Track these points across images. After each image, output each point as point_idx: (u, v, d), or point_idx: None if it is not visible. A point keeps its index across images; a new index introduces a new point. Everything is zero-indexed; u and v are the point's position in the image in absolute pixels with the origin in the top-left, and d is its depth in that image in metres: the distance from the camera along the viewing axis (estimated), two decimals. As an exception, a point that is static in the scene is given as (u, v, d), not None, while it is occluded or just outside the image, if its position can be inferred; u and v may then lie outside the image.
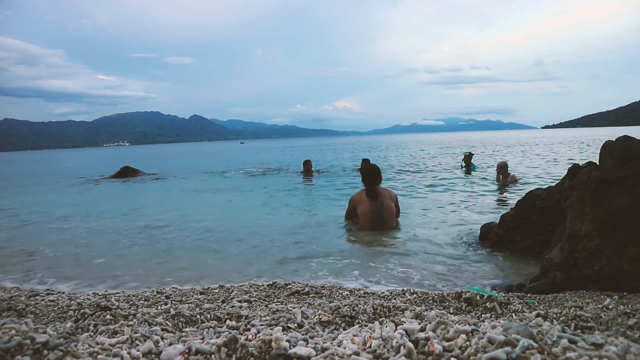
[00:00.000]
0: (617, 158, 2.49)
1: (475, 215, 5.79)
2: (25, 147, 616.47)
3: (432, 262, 3.71)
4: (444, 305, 1.72)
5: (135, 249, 4.63)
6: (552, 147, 24.62)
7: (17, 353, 0.98)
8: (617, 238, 2.33)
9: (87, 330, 1.29)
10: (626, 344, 0.93)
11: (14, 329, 1.11)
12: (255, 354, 0.99)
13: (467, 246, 4.18)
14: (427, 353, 0.96)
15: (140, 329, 1.23)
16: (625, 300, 1.99)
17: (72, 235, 5.51)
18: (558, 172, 10.75)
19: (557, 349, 0.92)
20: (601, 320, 1.44)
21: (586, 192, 2.49)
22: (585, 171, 2.66)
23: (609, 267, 2.31)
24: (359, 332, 1.19)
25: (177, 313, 1.50)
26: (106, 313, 1.52)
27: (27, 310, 1.65)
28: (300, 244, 4.30)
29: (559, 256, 2.59)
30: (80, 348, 1.04)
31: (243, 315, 1.57)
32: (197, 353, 1.00)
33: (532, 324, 1.14)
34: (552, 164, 13.99)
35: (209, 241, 4.83)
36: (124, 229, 5.77)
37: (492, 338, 0.96)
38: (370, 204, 4.94)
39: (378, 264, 3.71)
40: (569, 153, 19.14)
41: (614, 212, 2.34)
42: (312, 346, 1.02)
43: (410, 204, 6.90)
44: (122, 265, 4.01)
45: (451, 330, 1.05)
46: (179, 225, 5.95)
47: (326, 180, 11.31)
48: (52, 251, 4.65)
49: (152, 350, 1.06)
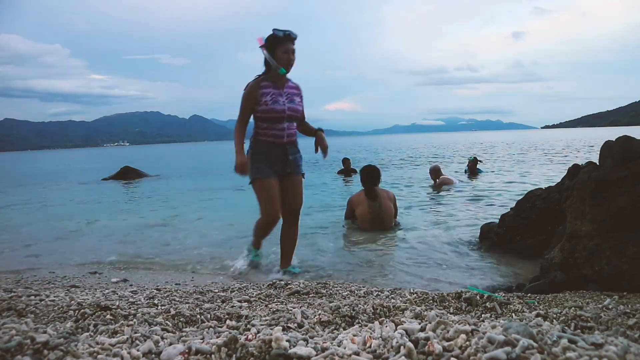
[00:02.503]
0: (617, 158, 2.49)
1: (475, 215, 5.79)
2: (25, 147, 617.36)
3: (432, 262, 3.71)
4: (444, 305, 1.73)
5: (135, 249, 4.63)
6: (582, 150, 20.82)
7: (17, 353, 0.98)
8: (617, 238, 2.33)
9: (87, 330, 1.29)
10: (626, 344, 0.93)
11: (14, 329, 1.12)
12: (255, 353, 0.99)
13: (467, 246, 4.18)
14: (427, 353, 0.96)
15: (140, 329, 1.23)
16: (625, 300, 2.00)
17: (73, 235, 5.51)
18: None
19: (557, 349, 0.92)
20: (601, 320, 1.44)
21: (586, 192, 2.49)
22: (585, 171, 2.66)
23: (609, 267, 2.31)
24: (359, 332, 1.19)
25: (177, 313, 1.50)
26: (106, 313, 1.52)
27: (27, 310, 1.65)
28: (300, 244, 4.30)
29: (559, 256, 2.59)
30: (80, 348, 1.04)
31: (243, 315, 1.57)
32: (197, 353, 1.00)
33: (532, 324, 1.14)
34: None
35: (209, 240, 4.84)
36: (123, 228, 5.77)
37: (492, 338, 0.96)
38: (369, 204, 4.93)
39: (378, 264, 3.71)
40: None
41: (614, 212, 2.35)
42: (312, 346, 1.02)
43: (410, 204, 6.90)
44: (122, 264, 4.01)
45: (451, 330, 1.05)
46: (179, 225, 5.95)
47: (324, 181, 11.32)
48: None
49: (152, 350, 1.06)
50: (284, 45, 3.06)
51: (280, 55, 3.08)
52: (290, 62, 3.12)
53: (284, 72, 3.13)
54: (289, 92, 3.25)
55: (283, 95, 3.20)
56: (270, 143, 3.21)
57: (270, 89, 3.17)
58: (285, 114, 3.17)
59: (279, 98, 3.17)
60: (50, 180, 16.52)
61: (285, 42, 3.05)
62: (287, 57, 3.09)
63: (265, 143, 3.21)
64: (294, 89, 3.30)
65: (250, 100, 3.16)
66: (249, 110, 3.19)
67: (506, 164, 14.76)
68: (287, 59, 3.10)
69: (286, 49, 3.07)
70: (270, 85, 3.18)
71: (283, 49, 3.07)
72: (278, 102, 3.15)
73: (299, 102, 3.30)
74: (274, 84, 3.19)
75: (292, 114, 3.22)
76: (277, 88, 3.19)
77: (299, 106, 3.29)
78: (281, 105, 3.16)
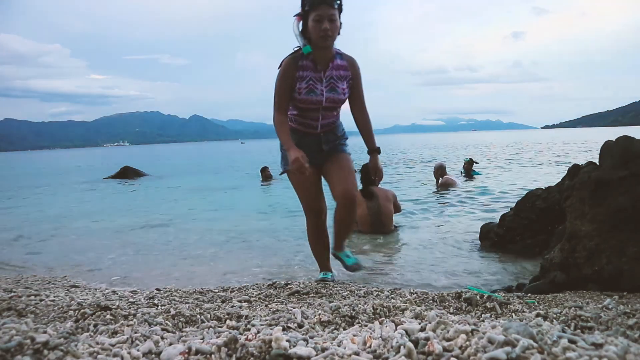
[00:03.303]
0: (617, 158, 2.49)
1: (475, 215, 5.79)
2: (25, 147, 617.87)
3: (432, 262, 3.71)
4: (444, 305, 1.73)
5: (135, 249, 4.63)
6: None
7: (18, 353, 0.98)
8: (617, 238, 2.33)
9: (87, 330, 1.30)
10: (626, 344, 0.94)
11: (14, 329, 1.12)
12: (256, 353, 0.99)
13: (466, 246, 4.18)
14: (427, 353, 0.96)
15: (140, 329, 1.23)
16: (625, 300, 2.00)
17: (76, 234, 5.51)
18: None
19: (557, 349, 0.92)
20: (601, 320, 1.44)
21: (586, 192, 2.49)
22: (585, 171, 2.66)
23: (609, 267, 2.31)
24: (359, 332, 1.19)
25: (177, 313, 1.51)
26: (106, 313, 1.52)
27: (27, 310, 1.65)
28: (300, 245, 4.30)
29: (559, 256, 2.59)
30: (80, 348, 1.04)
31: (243, 315, 1.57)
32: (197, 353, 1.00)
33: (532, 323, 1.14)
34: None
35: (209, 240, 4.83)
36: (123, 228, 5.77)
37: (492, 338, 0.96)
38: (367, 205, 4.84)
39: (377, 264, 3.71)
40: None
41: (614, 212, 2.35)
42: (312, 346, 1.02)
43: (409, 204, 6.90)
44: (122, 264, 4.01)
45: (451, 330, 1.05)
46: (178, 224, 5.95)
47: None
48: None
49: (152, 350, 1.06)
50: (317, 9, 2.30)
51: (312, 25, 2.33)
52: (323, 34, 2.32)
53: (308, 50, 2.41)
54: (333, 76, 2.51)
55: (323, 80, 2.50)
56: (301, 132, 2.62)
57: (309, 71, 2.47)
58: (321, 105, 2.54)
59: (317, 85, 2.48)
60: (50, 180, 16.53)
61: (319, 5, 2.29)
62: (318, 28, 2.31)
63: (295, 130, 2.61)
64: (342, 69, 2.54)
65: (287, 81, 2.47)
66: (288, 93, 2.50)
67: (505, 163, 14.76)
68: (319, 30, 2.31)
69: (319, 15, 2.29)
70: (310, 67, 2.47)
71: (315, 16, 2.30)
72: (314, 91, 2.48)
73: (343, 90, 2.56)
74: (314, 64, 2.48)
75: (331, 105, 2.57)
76: (317, 71, 2.48)
77: (342, 95, 2.56)
78: (318, 95, 2.49)
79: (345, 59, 2.57)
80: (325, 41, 2.36)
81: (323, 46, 2.41)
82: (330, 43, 2.42)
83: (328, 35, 2.33)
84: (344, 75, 2.55)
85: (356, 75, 2.61)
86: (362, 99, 2.68)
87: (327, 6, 2.30)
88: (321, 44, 2.38)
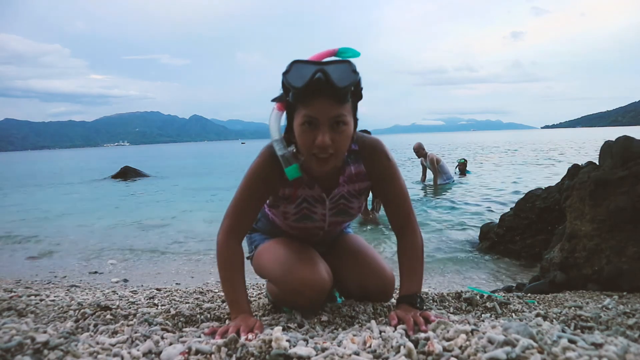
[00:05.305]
0: (617, 158, 2.49)
1: (474, 215, 5.79)
2: (25, 147, 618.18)
3: (432, 262, 3.71)
4: (444, 305, 1.72)
5: (135, 249, 4.63)
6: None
7: (18, 353, 0.98)
8: (617, 238, 2.33)
9: (87, 330, 1.30)
10: (626, 344, 0.94)
11: (14, 329, 1.12)
12: (256, 353, 0.99)
13: (467, 246, 4.18)
14: (427, 353, 0.96)
15: (140, 329, 1.23)
16: (625, 300, 2.00)
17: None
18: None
19: (556, 349, 0.92)
20: (601, 320, 1.44)
21: (586, 192, 2.49)
22: (585, 171, 2.66)
23: (609, 267, 2.31)
24: (359, 332, 1.19)
25: (177, 313, 1.51)
26: (106, 313, 1.52)
27: (27, 310, 1.65)
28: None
29: (559, 256, 2.59)
30: (80, 348, 1.04)
31: (243, 315, 1.56)
32: (197, 353, 1.00)
33: (532, 323, 1.14)
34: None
35: (209, 240, 4.83)
36: (123, 228, 5.77)
37: (492, 338, 0.97)
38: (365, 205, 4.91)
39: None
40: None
41: (614, 212, 2.34)
42: (312, 346, 1.02)
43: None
44: (122, 264, 4.01)
45: (451, 330, 1.05)
46: (178, 224, 5.95)
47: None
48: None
49: (152, 350, 1.06)
50: (308, 105, 1.27)
51: (299, 133, 1.31)
52: (318, 151, 1.30)
53: (294, 175, 1.38)
54: (344, 194, 1.53)
55: (327, 201, 1.53)
56: (294, 236, 1.68)
57: (303, 189, 1.50)
58: (322, 230, 1.63)
59: (315, 209, 1.54)
60: (50, 180, 16.53)
61: (312, 97, 1.26)
62: (308, 139, 1.30)
63: (286, 233, 1.70)
64: (359, 182, 1.53)
65: (257, 195, 1.46)
66: (254, 211, 1.49)
67: (505, 164, 14.76)
68: (310, 144, 1.30)
69: (310, 117, 1.27)
70: (304, 181, 1.49)
71: (305, 117, 1.28)
72: (311, 217, 1.56)
73: (359, 207, 1.61)
74: (311, 181, 1.50)
75: (333, 229, 1.67)
76: (316, 188, 1.51)
77: (356, 212, 1.61)
78: (316, 221, 1.57)
79: (364, 155, 1.50)
80: (323, 165, 1.33)
81: (319, 171, 1.41)
82: (333, 165, 1.36)
83: (328, 157, 1.31)
84: (361, 190, 1.56)
85: (382, 178, 1.52)
86: (407, 209, 1.57)
87: (327, 100, 1.25)
88: (316, 169, 1.36)
